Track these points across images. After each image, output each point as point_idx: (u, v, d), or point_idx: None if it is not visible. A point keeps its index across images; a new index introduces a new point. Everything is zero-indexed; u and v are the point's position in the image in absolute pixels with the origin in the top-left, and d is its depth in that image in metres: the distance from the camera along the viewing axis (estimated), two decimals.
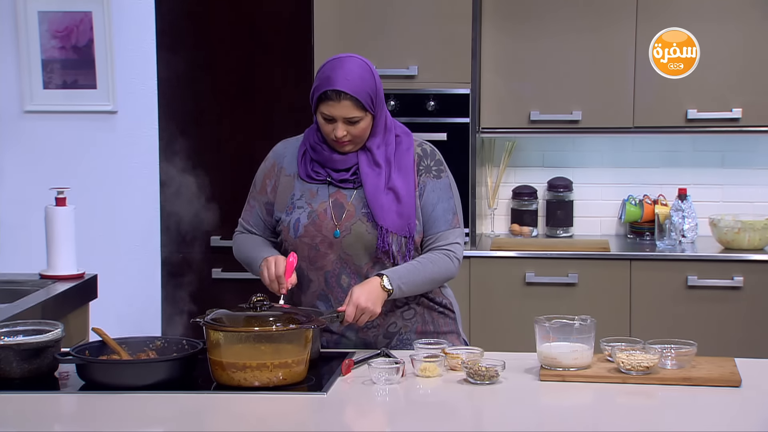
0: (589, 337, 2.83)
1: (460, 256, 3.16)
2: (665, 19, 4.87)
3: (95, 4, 5.05)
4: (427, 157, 3.18)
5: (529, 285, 4.79)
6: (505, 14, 4.92)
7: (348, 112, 3.02)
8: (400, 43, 4.80)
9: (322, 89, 3.03)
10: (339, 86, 3.00)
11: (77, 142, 5.13)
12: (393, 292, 3.02)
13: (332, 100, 3.02)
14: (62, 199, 3.94)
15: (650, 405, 2.66)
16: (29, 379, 2.80)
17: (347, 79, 3.01)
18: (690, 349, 2.86)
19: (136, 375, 2.73)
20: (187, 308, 5.01)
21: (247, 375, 2.70)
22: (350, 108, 3.02)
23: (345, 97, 3.01)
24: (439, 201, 3.14)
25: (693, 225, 4.95)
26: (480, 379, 2.77)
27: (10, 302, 3.59)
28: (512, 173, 5.29)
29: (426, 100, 4.80)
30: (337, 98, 3.01)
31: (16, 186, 5.14)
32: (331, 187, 3.14)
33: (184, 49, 5.07)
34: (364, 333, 3.14)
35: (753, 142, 5.14)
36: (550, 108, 4.94)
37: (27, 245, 4.92)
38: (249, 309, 2.81)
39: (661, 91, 4.89)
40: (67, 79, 5.11)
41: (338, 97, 3.01)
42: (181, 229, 5.11)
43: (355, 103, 3.02)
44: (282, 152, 3.22)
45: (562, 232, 5.18)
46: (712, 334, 4.64)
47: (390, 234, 3.08)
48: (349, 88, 3.00)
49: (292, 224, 3.12)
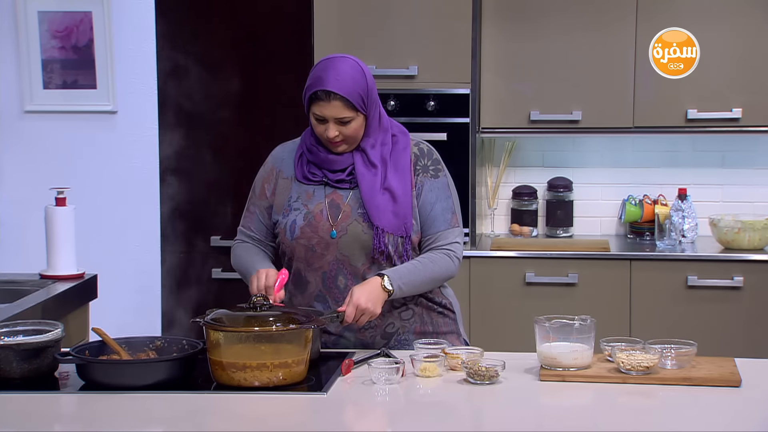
0: (589, 337, 2.83)
1: (460, 255, 3.16)
2: (665, 19, 4.87)
3: (95, 4, 5.05)
4: (424, 157, 3.18)
5: (529, 285, 4.79)
6: (505, 14, 4.92)
7: (338, 112, 3.03)
8: (400, 43, 4.80)
9: (312, 89, 3.03)
10: (329, 86, 3.01)
11: (77, 142, 5.13)
12: (393, 293, 3.02)
13: (323, 100, 3.02)
14: (62, 199, 3.94)
15: (650, 405, 2.66)
16: (29, 379, 2.80)
17: (338, 79, 3.01)
18: (690, 349, 2.86)
19: (136, 375, 2.73)
20: (187, 308, 5.01)
21: (247, 375, 2.70)
22: (341, 108, 3.02)
23: (335, 98, 3.01)
24: (437, 200, 3.14)
25: (693, 225, 4.95)
26: (480, 379, 2.77)
27: (10, 302, 3.59)
28: (512, 173, 5.29)
29: (426, 100, 4.80)
30: (327, 98, 3.01)
31: (16, 186, 5.14)
32: (327, 188, 3.14)
33: (184, 48, 5.07)
34: (362, 333, 3.14)
35: (753, 142, 5.14)
36: (550, 108, 4.94)
37: (27, 245, 4.91)
38: (249, 309, 2.81)
39: (661, 91, 4.89)
40: (67, 79, 5.11)
41: (328, 98, 3.01)
42: (181, 229, 5.12)
43: (345, 103, 3.02)
44: (280, 156, 3.22)
45: (562, 232, 5.18)
46: (712, 334, 4.64)
47: (386, 234, 3.08)
48: (339, 89, 3.01)
49: (288, 226, 3.12)
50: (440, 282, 3.17)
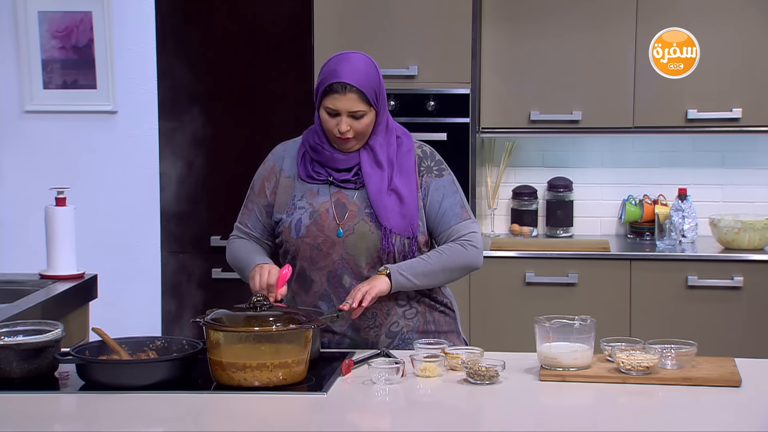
0: (589, 337, 2.83)
1: (477, 243, 3.12)
2: (665, 19, 4.87)
3: (95, 4, 5.06)
4: (427, 158, 3.18)
5: (529, 285, 4.79)
6: (505, 14, 4.92)
7: (353, 105, 3.03)
8: (400, 43, 4.80)
9: (327, 82, 3.03)
10: (345, 78, 3.01)
11: (77, 142, 5.13)
12: (392, 275, 3.01)
13: (338, 92, 3.02)
14: (62, 199, 3.94)
15: (650, 405, 2.66)
16: (29, 379, 2.80)
17: (353, 72, 3.02)
18: (690, 349, 2.86)
19: (136, 375, 2.73)
20: (187, 308, 5.01)
21: (247, 375, 2.70)
22: (355, 101, 3.03)
23: (351, 90, 3.02)
24: (444, 197, 3.14)
25: (693, 225, 4.95)
26: (480, 379, 2.77)
27: (10, 302, 3.59)
28: (512, 173, 5.29)
29: (426, 100, 4.81)
30: (343, 91, 3.02)
31: (16, 186, 5.14)
32: (332, 187, 3.14)
33: (184, 48, 5.07)
34: (366, 333, 3.14)
35: (753, 142, 5.14)
36: (550, 108, 4.95)
37: (27, 245, 4.92)
38: (249, 309, 2.81)
39: (661, 91, 4.89)
40: (67, 79, 5.11)
41: (344, 90, 3.02)
42: (180, 229, 5.12)
43: (360, 96, 3.02)
44: (281, 154, 3.22)
45: (562, 232, 5.18)
46: (712, 334, 4.64)
47: (393, 235, 3.08)
48: (354, 81, 3.01)
49: (293, 225, 3.12)
50: (458, 272, 3.13)
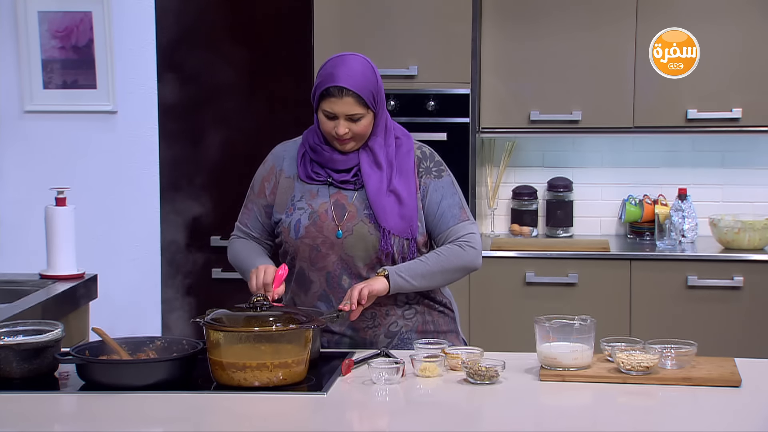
0: (589, 337, 2.83)
1: (475, 244, 3.12)
2: (665, 19, 4.88)
3: (95, 4, 5.05)
4: (427, 159, 3.18)
5: (529, 285, 4.79)
6: (505, 14, 4.92)
7: (350, 108, 3.03)
8: (400, 43, 4.80)
9: (324, 86, 3.03)
10: (341, 82, 3.01)
11: (77, 142, 5.13)
12: (390, 276, 3.01)
13: (334, 96, 3.02)
14: (62, 199, 3.94)
15: (650, 405, 2.66)
16: (29, 379, 2.80)
17: (350, 75, 3.02)
18: (690, 349, 2.86)
19: (136, 375, 2.73)
20: (187, 308, 5.01)
21: (247, 375, 2.70)
22: (352, 104, 3.03)
23: (347, 93, 3.02)
24: (443, 198, 3.14)
25: (693, 225, 4.95)
26: (480, 379, 2.77)
27: (10, 302, 3.59)
28: (512, 173, 5.29)
29: (426, 100, 4.81)
30: (340, 94, 3.02)
31: (16, 186, 5.14)
32: (331, 188, 3.14)
33: (184, 48, 5.07)
34: (364, 332, 3.14)
35: (753, 142, 5.14)
36: (550, 108, 4.95)
37: (27, 245, 4.91)
38: (249, 309, 2.81)
39: (661, 91, 4.89)
40: (67, 79, 5.11)
41: (340, 93, 3.02)
42: (181, 229, 5.11)
43: (357, 99, 3.02)
44: (281, 154, 3.22)
45: (562, 232, 5.18)
46: (712, 334, 4.64)
47: (392, 236, 3.08)
48: (351, 84, 3.01)
49: (293, 225, 3.12)
50: (457, 273, 3.13)
